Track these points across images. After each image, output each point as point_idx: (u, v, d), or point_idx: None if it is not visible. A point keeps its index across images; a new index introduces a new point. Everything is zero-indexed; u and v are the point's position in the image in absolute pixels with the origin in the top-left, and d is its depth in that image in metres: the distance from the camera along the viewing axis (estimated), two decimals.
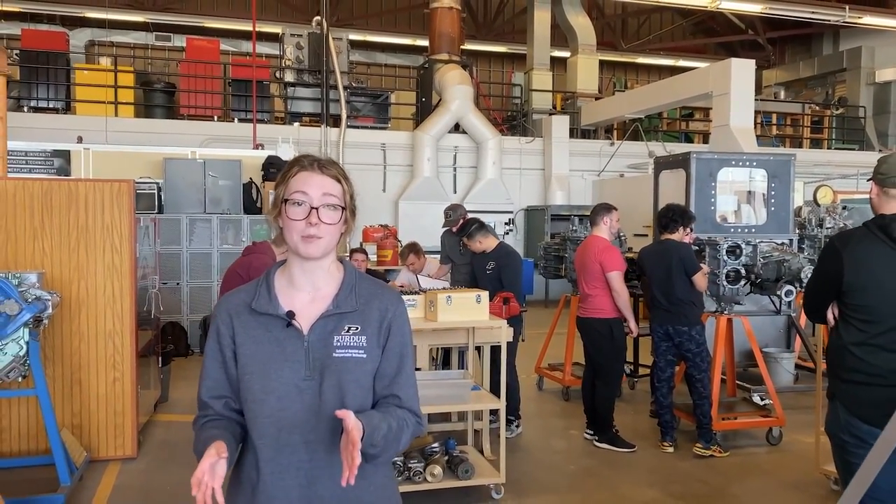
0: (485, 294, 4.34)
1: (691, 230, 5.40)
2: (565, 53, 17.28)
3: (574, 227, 7.06)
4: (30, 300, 4.11)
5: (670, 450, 5.29)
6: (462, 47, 15.83)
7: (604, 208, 5.55)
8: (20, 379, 4.17)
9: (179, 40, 17.65)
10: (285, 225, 1.71)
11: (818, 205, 8.54)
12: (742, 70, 11.50)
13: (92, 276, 4.98)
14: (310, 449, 1.67)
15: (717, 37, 21.84)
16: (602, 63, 20.10)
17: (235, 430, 1.72)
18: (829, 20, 16.78)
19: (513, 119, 17.40)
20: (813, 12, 16.33)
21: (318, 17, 14.15)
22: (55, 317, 4.63)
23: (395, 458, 4.24)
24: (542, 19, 16.29)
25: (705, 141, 16.00)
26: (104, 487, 4.60)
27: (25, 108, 13.16)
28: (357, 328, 1.73)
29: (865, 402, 2.53)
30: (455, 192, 14.57)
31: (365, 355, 1.72)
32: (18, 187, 4.91)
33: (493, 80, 20.88)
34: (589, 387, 5.54)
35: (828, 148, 18.43)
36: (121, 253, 5.02)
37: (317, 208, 1.68)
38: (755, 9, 16.22)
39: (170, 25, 17.90)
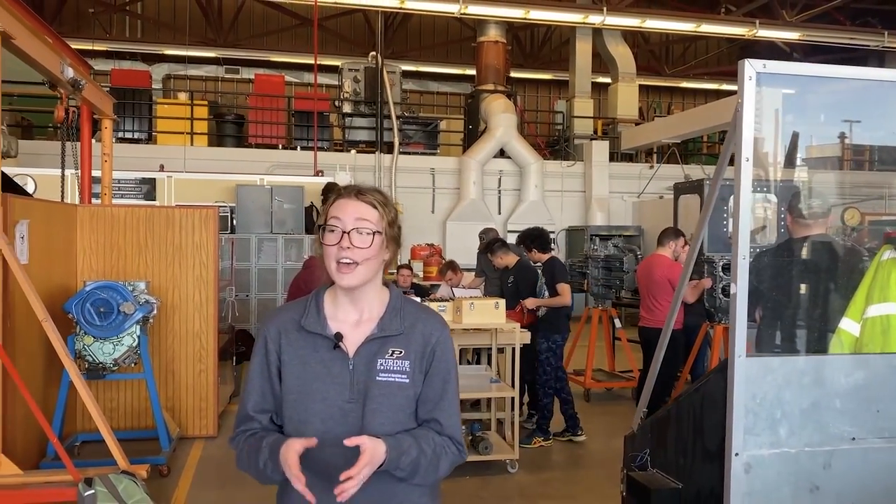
0: (502, 301, 5.25)
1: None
2: (608, 79, 18.09)
3: (595, 247, 7.90)
4: (141, 303, 5.23)
5: None
6: (509, 75, 16.85)
7: (673, 233, 6.32)
8: (133, 365, 5.27)
9: (247, 73, 19.19)
10: (324, 252, 1.72)
11: (845, 226, 9.15)
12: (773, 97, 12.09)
13: (184, 286, 6.10)
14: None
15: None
16: (647, 87, 20.81)
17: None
18: (867, 45, 17.14)
19: (555, 143, 18.27)
20: (851, 38, 16.74)
21: (374, 53, 15.39)
22: (156, 318, 5.74)
23: None
24: (583, 50, 17.15)
25: None
26: (192, 457, 5.65)
27: (114, 140, 14.68)
28: (401, 352, 1.73)
29: None
30: (499, 213, 15.50)
31: (408, 380, 1.71)
32: (127, 213, 6.09)
33: (540, 106, 21.79)
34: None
35: (869, 169, 18.65)
36: (207, 267, 6.13)
37: (348, 232, 1.68)
38: (792, 36, 16.73)
39: (238, 60, 19.43)
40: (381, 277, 1.79)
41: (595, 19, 15.56)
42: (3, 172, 4.74)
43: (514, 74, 18.49)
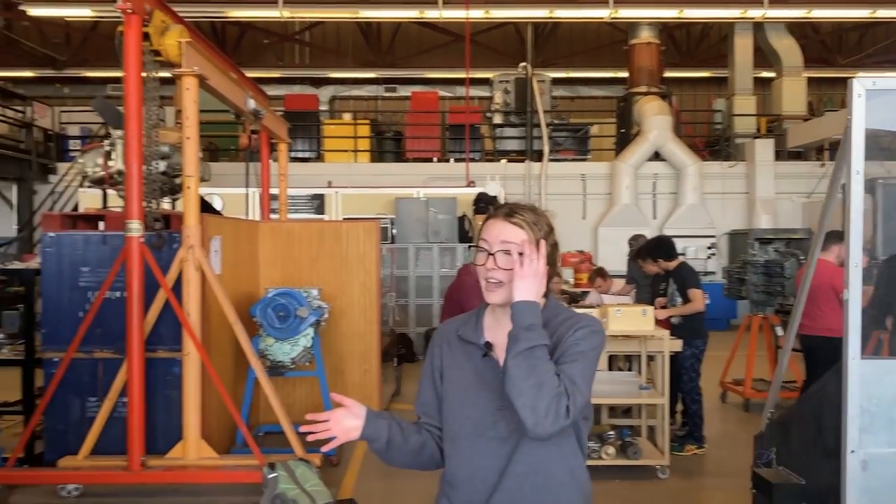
0: (650, 308, 5.28)
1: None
2: (772, 74, 17.13)
3: (754, 252, 7.61)
4: (314, 308, 5.80)
5: None
6: (663, 75, 16.45)
7: (837, 236, 5.97)
8: (307, 364, 5.86)
9: (404, 90, 20.16)
10: (477, 270, 1.82)
11: None
12: None
13: (350, 293, 6.65)
14: (502, 469, 1.74)
15: None
16: (818, 80, 19.41)
17: (425, 438, 1.89)
18: None
19: (714, 144, 17.55)
20: None
21: (524, 63, 15.66)
22: (326, 321, 6.32)
23: None
24: (743, 46, 16.38)
25: None
26: (359, 450, 6.14)
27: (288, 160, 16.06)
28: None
29: None
30: (654, 217, 15.17)
31: None
32: (301, 227, 6.75)
33: (698, 105, 21.00)
34: None
35: None
36: (370, 275, 6.65)
37: (493, 254, 1.75)
38: None
39: (396, 78, 20.45)
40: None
41: (755, 13, 14.85)
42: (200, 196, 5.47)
43: (669, 74, 18.00)
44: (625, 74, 17.02)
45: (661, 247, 6.26)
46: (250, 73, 7.56)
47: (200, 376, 4.91)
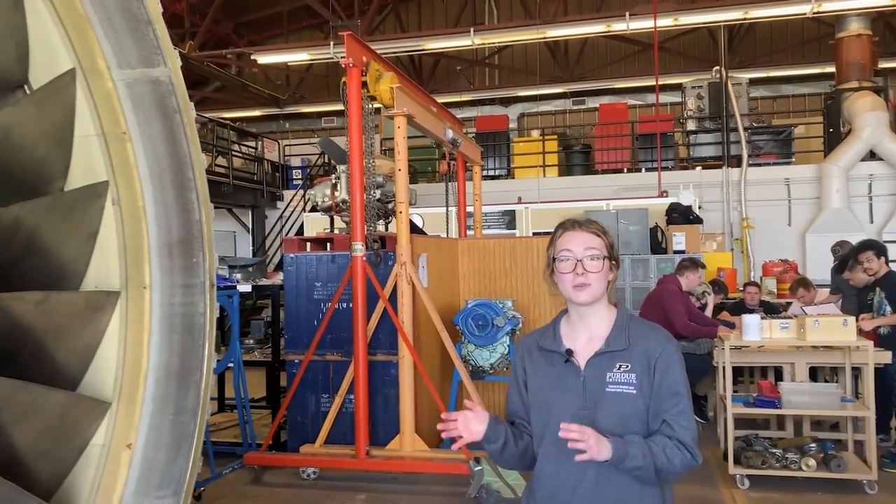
0: (851, 318, 5.13)
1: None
2: None
3: None
4: (509, 317, 6.29)
5: None
6: (876, 68, 15.12)
7: None
8: (504, 369, 6.35)
9: (592, 101, 20.27)
10: (558, 279, 2.02)
11: None
12: None
13: (542, 304, 7.06)
14: (581, 470, 1.93)
15: None
16: None
17: (528, 441, 2.07)
18: None
19: None
20: None
21: (718, 67, 15.17)
22: (521, 331, 6.78)
23: (775, 450, 5.27)
24: None
25: None
26: None
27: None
28: (627, 366, 1.94)
29: None
30: (871, 222, 13.97)
31: (635, 391, 1.92)
32: (496, 243, 7.29)
33: None
34: None
35: None
36: None
37: (581, 260, 1.96)
38: None
39: (583, 91, 20.62)
40: (609, 296, 2.05)
41: None
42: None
43: (885, 65, 16.46)
44: (832, 70, 15.86)
45: (870, 247, 6.01)
46: (444, 98, 8.30)
47: (413, 377, 5.58)
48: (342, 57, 5.27)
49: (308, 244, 6.47)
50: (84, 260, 2.16)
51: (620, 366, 1.94)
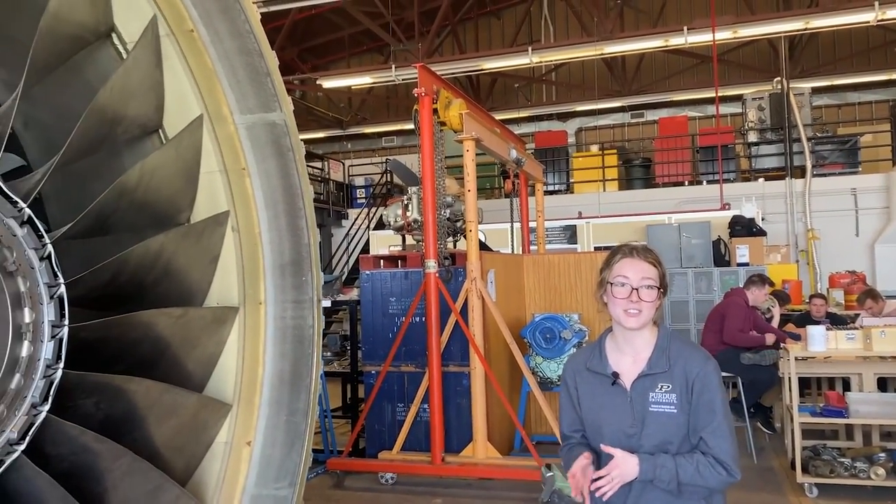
0: None
1: None
2: None
3: None
4: (576, 331, 6.52)
5: None
6: None
7: None
8: None
9: (651, 115, 20.26)
10: (609, 301, 2.12)
11: None
12: None
13: (607, 319, 7.22)
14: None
15: None
16: None
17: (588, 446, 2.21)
18: None
19: None
20: None
21: (778, 78, 15.07)
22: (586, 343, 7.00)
23: (843, 459, 5.34)
24: None
25: None
26: None
27: None
28: (668, 386, 2.07)
29: None
30: None
31: (675, 410, 2.05)
32: (559, 258, 7.53)
33: None
34: None
35: None
36: None
37: (637, 289, 2.05)
38: None
39: (642, 105, 20.62)
40: (658, 317, 2.16)
41: None
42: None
43: None
44: None
45: None
46: (502, 115, 8.58)
47: (485, 387, 5.86)
48: (403, 79, 5.64)
49: (382, 261, 6.85)
50: (208, 280, 2.51)
51: (662, 386, 2.06)
